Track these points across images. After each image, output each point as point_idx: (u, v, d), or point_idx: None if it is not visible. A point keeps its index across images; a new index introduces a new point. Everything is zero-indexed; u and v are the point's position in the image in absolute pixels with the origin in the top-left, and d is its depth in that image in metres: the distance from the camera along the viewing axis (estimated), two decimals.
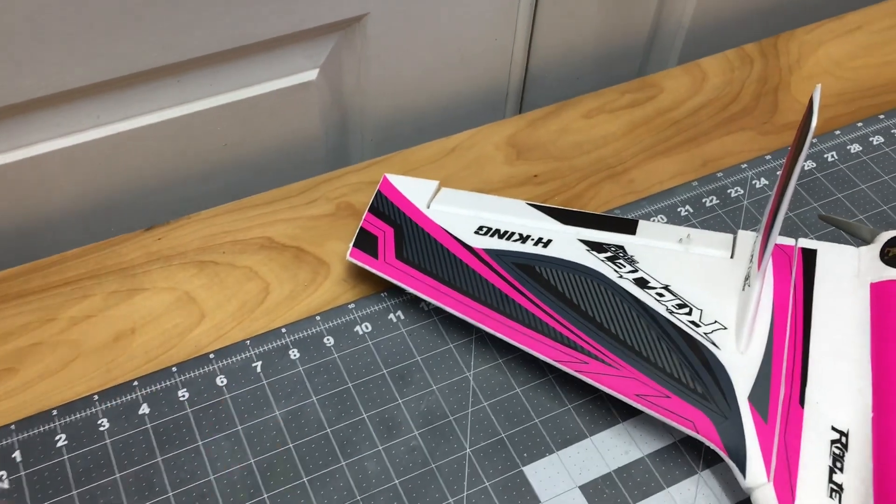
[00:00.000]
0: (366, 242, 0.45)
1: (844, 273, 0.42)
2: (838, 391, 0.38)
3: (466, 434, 0.39)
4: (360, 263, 0.44)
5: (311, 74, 0.50)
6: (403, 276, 0.43)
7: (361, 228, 0.45)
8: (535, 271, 0.43)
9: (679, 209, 0.49)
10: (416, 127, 0.57)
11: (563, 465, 0.38)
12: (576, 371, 0.39)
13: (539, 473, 0.38)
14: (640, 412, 0.39)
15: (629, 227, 0.45)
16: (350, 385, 0.41)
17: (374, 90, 0.53)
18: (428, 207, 0.46)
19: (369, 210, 0.46)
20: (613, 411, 0.40)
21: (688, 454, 0.39)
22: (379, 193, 0.47)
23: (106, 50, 0.43)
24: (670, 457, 0.39)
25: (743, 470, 0.36)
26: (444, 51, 0.54)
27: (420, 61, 0.53)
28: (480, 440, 0.39)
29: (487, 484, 0.38)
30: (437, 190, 0.47)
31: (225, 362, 0.41)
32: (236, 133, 0.51)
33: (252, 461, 0.38)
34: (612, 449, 0.39)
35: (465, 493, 0.37)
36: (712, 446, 0.37)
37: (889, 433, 0.35)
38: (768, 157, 0.51)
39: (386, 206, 0.46)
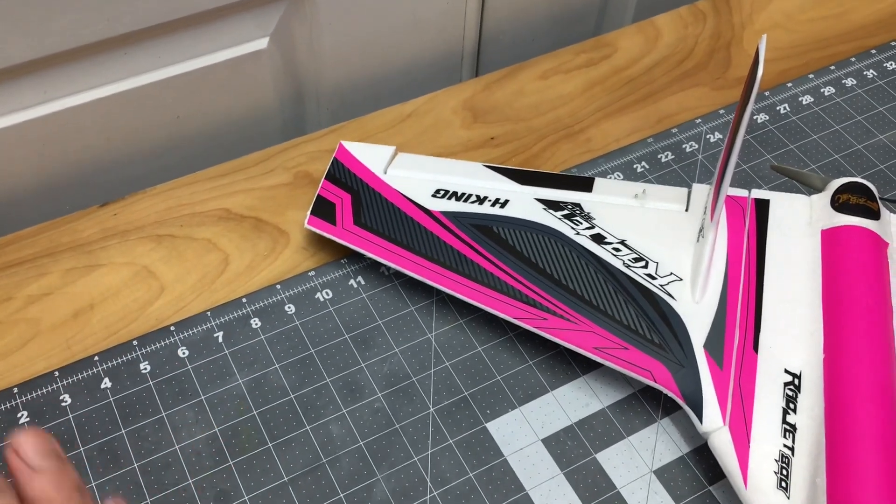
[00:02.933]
0: (323, 210, 0.44)
1: (796, 221, 0.43)
2: (791, 335, 0.39)
3: (430, 394, 0.40)
4: (318, 231, 0.44)
5: (262, 43, 0.50)
6: (362, 242, 0.43)
7: (318, 196, 0.45)
8: (493, 231, 0.43)
9: (635, 166, 0.49)
10: (372, 94, 0.57)
11: (526, 419, 0.39)
12: (535, 327, 0.40)
13: (502, 429, 0.39)
14: (600, 365, 0.40)
15: (585, 185, 0.46)
16: (313, 351, 0.41)
17: (328, 57, 0.53)
18: (385, 173, 0.46)
19: (326, 177, 0.46)
20: (574, 365, 0.41)
21: (647, 403, 0.39)
22: (335, 161, 0.47)
23: (48, 24, 0.42)
24: (630, 407, 0.39)
25: (700, 416, 0.36)
26: (396, 15, 0.53)
27: (372, 27, 0.53)
28: (443, 399, 0.39)
29: (451, 441, 0.38)
30: (394, 155, 0.47)
31: (186, 334, 0.41)
32: (189, 105, 0.51)
33: (217, 429, 0.38)
34: (573, 402, 0.39)
35: (429, 451, 0.38)
36: (670, 394, 0.37)
37: (839, 373, 0.36)
38: (722, 111, 0.52)
39: (342, 173, 0.46)
